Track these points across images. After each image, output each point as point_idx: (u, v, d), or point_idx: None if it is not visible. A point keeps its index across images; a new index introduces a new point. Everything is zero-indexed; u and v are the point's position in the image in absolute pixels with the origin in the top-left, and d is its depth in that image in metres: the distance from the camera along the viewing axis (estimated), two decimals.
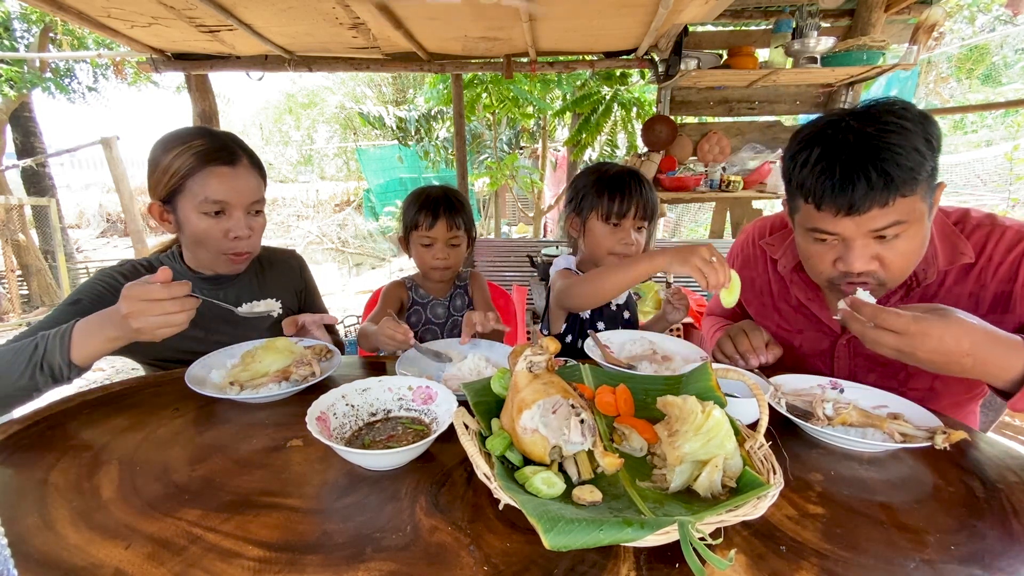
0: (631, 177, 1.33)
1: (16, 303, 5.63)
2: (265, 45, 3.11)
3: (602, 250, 1.36)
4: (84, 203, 12.20)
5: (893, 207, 0.83)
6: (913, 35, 3.11)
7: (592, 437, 0.64)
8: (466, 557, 0.55)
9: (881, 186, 0.81)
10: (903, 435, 0.79)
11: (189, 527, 0.59)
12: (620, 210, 1.30)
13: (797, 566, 0.55)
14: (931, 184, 0.86)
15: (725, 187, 3.23)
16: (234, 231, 1.11)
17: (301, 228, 9.46)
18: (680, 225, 9.67)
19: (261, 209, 1.18)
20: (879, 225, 0.85)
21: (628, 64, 3.65)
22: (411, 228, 1.44)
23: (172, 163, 1.05)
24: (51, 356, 0.86)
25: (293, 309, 1.37)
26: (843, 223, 0.88)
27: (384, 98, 13.22)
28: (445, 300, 1.57)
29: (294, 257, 1.46)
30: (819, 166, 0.87)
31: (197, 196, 1.07)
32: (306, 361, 0.98)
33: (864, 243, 0.89)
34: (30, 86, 5.95)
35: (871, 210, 0.84)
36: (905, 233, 0.87)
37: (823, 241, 0.93)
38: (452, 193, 1.46)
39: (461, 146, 4.05)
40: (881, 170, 0.81)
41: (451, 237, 1.43)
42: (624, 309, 1.49)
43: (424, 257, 1.45)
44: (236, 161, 1.10)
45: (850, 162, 0.84)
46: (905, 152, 0.81)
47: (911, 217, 0.85)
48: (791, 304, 1.16)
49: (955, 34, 8.59)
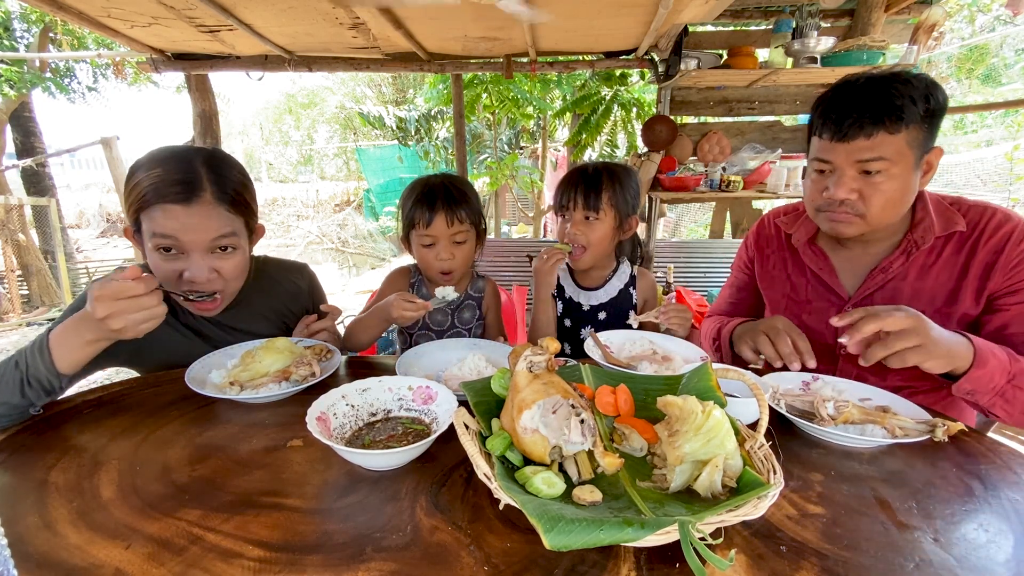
0: (583, 169, 1.37)
1: (16, 303, 5.63)
2: (265, 45, 3.11)
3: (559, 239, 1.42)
4: (84, 203, 12.21)
5: (877, 140, 0.96)
6: (913, 35, 3.11)
7: (592, 437, 0.64)
8: (466, 557, 0.55)
9: (869, 116, 0.95)
10: (903, 429, 0.80)
11: (189, 527, 0.59)
12: (564, 201, 1.37)
13: (797, 566, 0.55)
14: (922, 139, 0.97)
15: (725, 187, 3.23)
16: (188, 274, 0.98)
17: (301, 228, 9.46)
18: (680, 225, 9.67)
19: (235, 244, 1.02)
20: (864, 156, 0.97)
21: (628, 64, 3.64)
22: (410, 226, 1.29)
23: (134, 188, 0.96)
24: (35, 371, 0.83)
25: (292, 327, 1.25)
26: (835, 150, 1.00)
27: (384, 98, 13.22)
28: (449, 307, 1.39)
29: (303, 273, 1.31)
30: (829, 102, 1.01)
31: (149, 231, 0.96)
32: (306, 361, 0.98)
33: (851, 174, 1.00)
34: (30, 86, 5.95)
35: (857, 139, 0.97)
36: (887, 173, 0.98)
37: (820, 172, 1.06)
38: (453, 181, 1.29)
39: (461, 146, 4.05)
40: (871, 104, 0.95)
41: (454, 233, 1.26)
42: (600, 311, 1.49)
43: (427, 258, 1.29)
44: (194, 197, 0.95)
45: (851, 97, 0.98)
46: (898, 96, 0.94)
47: (894, 158, 0.96)
48: (804, 276, 1.24)
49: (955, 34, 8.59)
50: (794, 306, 1.25)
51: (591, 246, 1.37)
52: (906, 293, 1.09)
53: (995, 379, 0.88)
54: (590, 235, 1.36)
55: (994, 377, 0.88)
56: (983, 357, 0.87)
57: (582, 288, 1.50)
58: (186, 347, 1.09)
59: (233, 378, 0.94)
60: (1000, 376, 0.88)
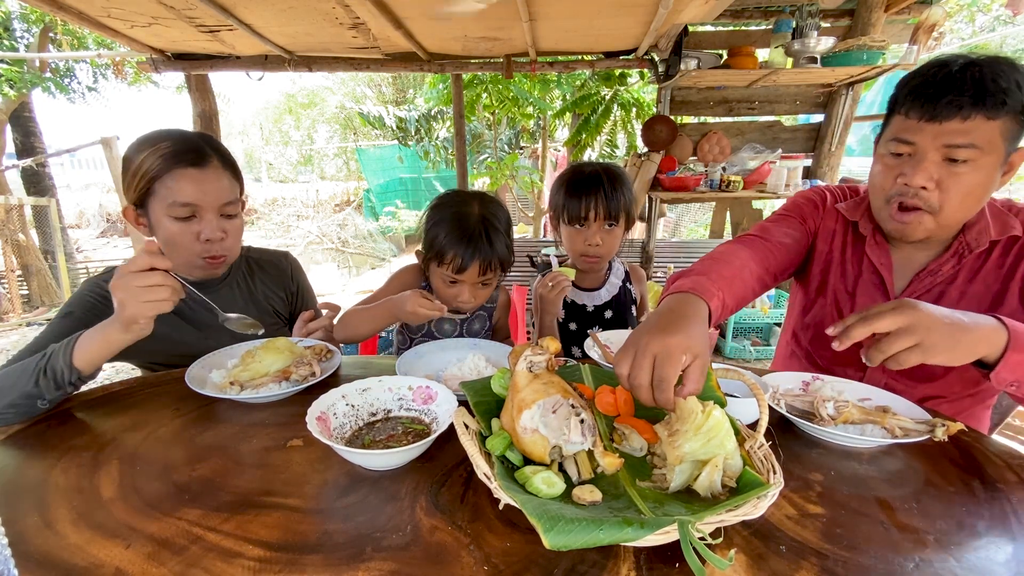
0: (597, 177, 1.32)
1: (16, 303, 5.62)
2: (265, 45, 3.11)
3: (574, 253, 1.39)
4: (84, 203, 12.21)
5: (973, 124, 0.86)
6: (913, 35, 3.11)
7: (592, 437, 0.64)
8: (466, 557, 0.55)
9: (969, 96, 0.85)
10: (903, 429, 0.80)
11: (189, 527, 0.59)
12: (583, 213, 1.32)
13: (797, 566, 0.55)
14: (1016, 132, 0.89)
15: (725, 187, 3.24)
16: (205, 234, 1.07)
17: (301, 228, 9.45)
18: (680, 225, 9.66)
19: (236, 211, 1.13)
20: (955, 141, 0.88)
21: (628, 64, 3.65)
22: (432, 258, 1.17)
23: (141, 166, 1.03)
24: (55, 360, 0.86)
25: (284, 313, 1.34)
26: (923, 130, 0.91)
27: (384, 98, 13.22)
28: (459, 319, 1.33)
29: (286, 259, 1.40)
30: (922, 77, 0.92)
31: (166, 199, 1.04)
32: (306, 361, 0.98)
33: (934, 159, 0.91)
34: (30, 86, 5.94)
35: (952, 119, 0.87)
36: (974, 164, 0.89)
37: (897, 156, 0.96)
38: (492, 219, 1.17)
39: (461, 146, 4.05)
40: (973, 82, 0.85)
41: (484, 279, 1.19)
42: (604, 309, 1.49)
43: (445, 293, 1.20)
44: (205, 162, 1.06)
45: (948, 76, 0.88)
46: (1003, 76, 0.85)
47: (986, 147, 0.87)
48: (858, 267, 1.16)
49: (955, 34, 8.59)
50: (838, 295, 1.16)
51: (609, 253, 1.38)
52: (952, 297, 1.03)
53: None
54: (610, 243, 1.36)
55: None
56: (1020, 336, 0.74)
57: (583, 290, 1.49)
58: (178, 334, 1.14)
59: (233, 378, 0.94)
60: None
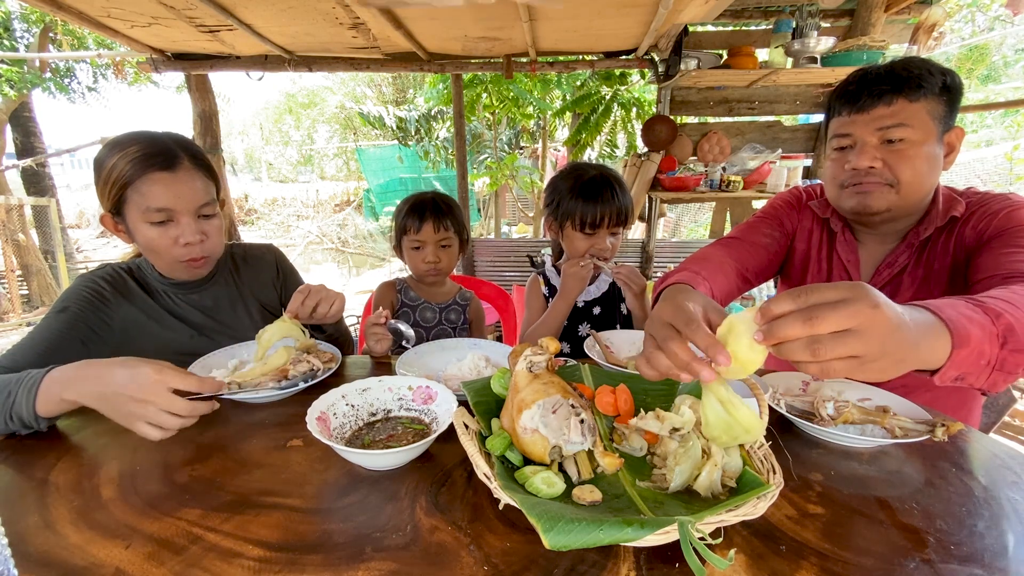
0: (606, 183, 1.35)
1: (16, 303, 5.62)
2: (265, 45, 3.11)
3: (578, 255, 1.40)
4: (84, 203, 12.21)
5: (898, 107, 0.96)
6: (913, 35, 3.11)
7: (592, 437, 0.64)
8: (466, 557, 0.55)
9: (888, 85, 0.96)
10: (903, 429, 0.80)
11: (189, 527, 0.59)
12: (595, 219, 1.34)
13: (797, 566, 0.55)
14: (942, 113, 0.97)
15: (725, 187, 3.23)
16: (184, 238, 1.05)
17: (301, 228, 9.45)
18: (680, 225, 9.66)
19: (214, 211, 1.11)
20: (885, 124, 0.98)
21: (628, 64, 3.64)
22: (402, 233, 1.49)
23: (111, 172, 1.00)
24: (19, 408, 0.77)
25: (273, 304, 1.35)
26: (855, 122, 1.01)
27: (384, 98, 13.21)
28: (437, 306, 1.57)
29: (270, 251, 1.42)
30: (847, 84, 1.04)
31: (140, 206, 1.01)
32: (305, 359, 0.99)
33: (872, 142, 1.00)
34: (30, 86, 5.94)
35: (877, 107, 0.98)
36: (910, 141, 0.97)
37: (841, 150, 1.06)
38: (441, 198, 1.51)
39: (461, 146, 4.05)
40: (889, 74, 0.97)
41: (441, 239, 1.47)
42: (594, 306, 1.50)
43: (415, 260, 1.49)
44: (176, 164, 1.03)
45: (868, 76, 1.00)
46: (915, 65, 0.96)
47: (916, 125, 0.96)
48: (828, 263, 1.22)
49: (955, 34, 8.58)
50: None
51: (613, 256, 1.42)
52: (905, 284, 1.09)
53: (985, 351, 0.63)
54: (615, 246, 1.41)
55: (983, 350, 0.62)
56: (962, 332, 0.60)
57: None
58: (169, 334, 1.14)
59: (233, 378, 0.94)
60: (990, 344, 0.63)
